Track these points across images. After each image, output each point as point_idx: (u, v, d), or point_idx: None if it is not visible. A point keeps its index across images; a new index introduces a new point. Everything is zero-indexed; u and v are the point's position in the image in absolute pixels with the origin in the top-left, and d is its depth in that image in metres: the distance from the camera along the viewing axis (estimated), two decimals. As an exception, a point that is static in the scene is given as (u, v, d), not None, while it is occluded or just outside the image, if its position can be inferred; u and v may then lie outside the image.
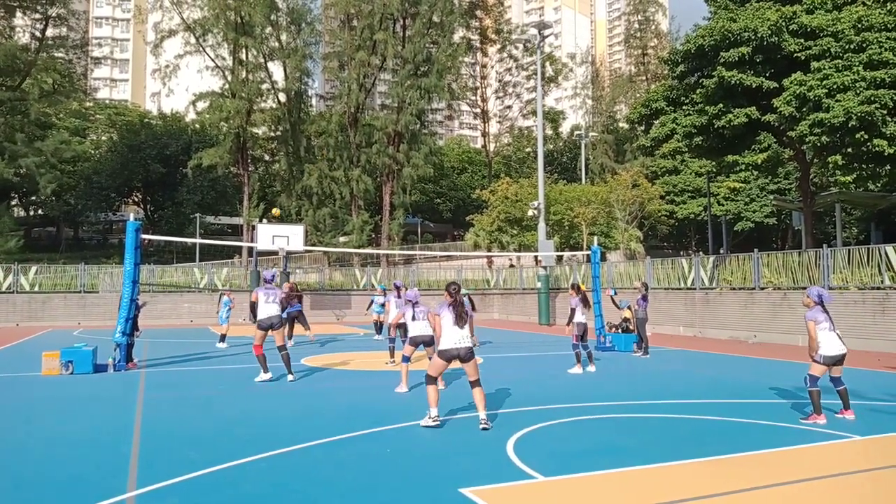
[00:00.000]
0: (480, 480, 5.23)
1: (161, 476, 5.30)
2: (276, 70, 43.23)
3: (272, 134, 47.62)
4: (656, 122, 22.29)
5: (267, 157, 52.45)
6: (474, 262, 39.11)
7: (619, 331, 16.19)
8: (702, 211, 42.34)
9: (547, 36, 29.50)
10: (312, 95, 52.14)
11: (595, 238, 19.53)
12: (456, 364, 7.39)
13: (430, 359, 9.60)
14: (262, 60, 41.62)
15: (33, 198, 59.08)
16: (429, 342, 9.58)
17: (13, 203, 57.48)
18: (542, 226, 27.42)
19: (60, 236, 62.96)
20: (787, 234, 44.85)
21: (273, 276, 11.20)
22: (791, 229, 41.98)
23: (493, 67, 61.23)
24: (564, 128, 67.30)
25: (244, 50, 40.71)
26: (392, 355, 12.95)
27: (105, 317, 26.25)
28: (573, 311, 12.09)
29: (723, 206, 41.59)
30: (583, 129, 55.19)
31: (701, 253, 34.76)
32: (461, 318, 7.17)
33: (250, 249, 34.08)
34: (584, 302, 12.26)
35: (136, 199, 62.83)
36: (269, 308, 10.62)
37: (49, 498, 4.82)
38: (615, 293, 16.68)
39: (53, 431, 7.16)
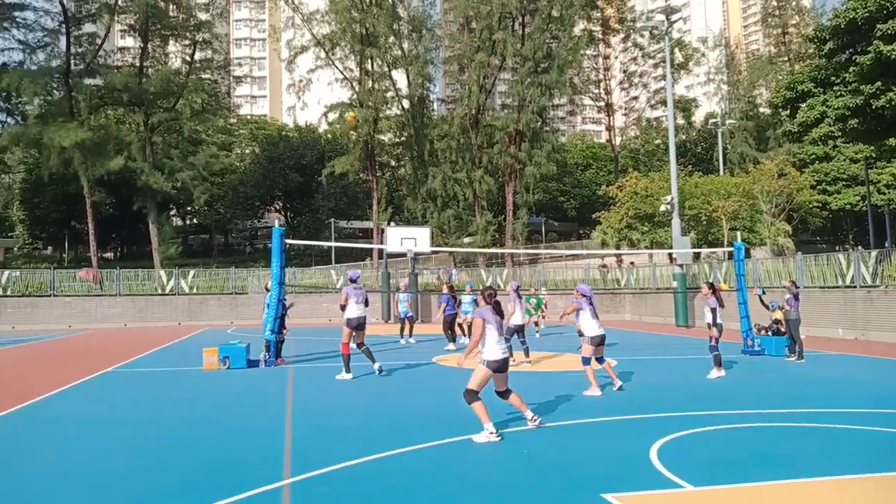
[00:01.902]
0: (623, 487, 5.04)
1: (313, 465, 5.62)
2: (400, 78, 44.64)
3: (397, 140, 49.21)
4: (803, 105, 20.49)
5: (393, 163, 54.29)
6: (603, 261, 37.97)
7: (769, 333, 15.01)
8: (859, 201, 38.33)
9: (675, 21, 28.02)
10: (434, 100, 53.31)
11: (738, 233, 18.23)
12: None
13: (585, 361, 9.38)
14: (386, 69, 43.17)
15: (188, 208, 65.16)
16: (600, 342, 9.46)
17: (172, 213, 63.73)
18: (676, 221, 26.09)
19: (212, 242, 68.97)
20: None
21: (358, 275, 11.71)
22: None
23: (616, 58, 59.16)
24: (697, 116, 63.71)
25: (370, 60, 42.42)
26: (527, 355, 12.90)
27: (254, 316, 28.32)
28: (715, 310, 11.33)
29: (884, 194, 37.43)
30: (718, 116, 51.89)
31: (860, 247, 31.46)
32: (502, 327, 6.77)
33: (380, 251, 35.42)
34: (720, 301, 11.47)
35: (277, 207, 67.43)
36: (357, 308, 11.05)
37: (213, 483, 5.25)
38: (763, 292, 15.45)
39: (216, 421, 7.82)
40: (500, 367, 6.59)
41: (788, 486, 5.06)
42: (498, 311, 6.75)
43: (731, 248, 17.14)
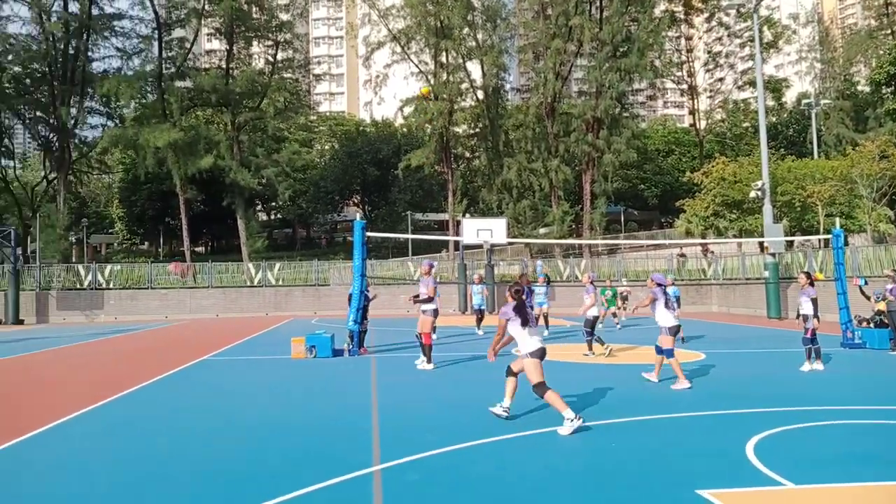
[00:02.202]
0: (719, 483, 4.87)
1: (401, 453, 5.74)
2: (474, 69, 44.57)
3: (472, 131, 49.23)
4: (911, 80, 18.92)
5: (468, 154, 54.36)
6: (686, 250, 36.62)
7: (871, 325, 14.06)
8: (974, 182, 35.09)
9: (765, -3, 26.59)
10: (509, 90, 52.91)
11: (836, 220, 17.11)
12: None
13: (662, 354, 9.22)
14: (460, 61, 43.24)
15: (273, 203, 67.77)
16: (677, 332, 9.50)
17: (258, 209, 66.47)
18: (767, 208, 24.79)
19: (295, 236, 71.45)
20: None
21: (433, 264, 12.44)
22: None
23: (700, 38, 56.73)
24: (788, 97, 60.16)
25: (444, 52, 42.60)
26: (590, 348, 12.72)
27: (335, 307, 29.18)
28: (816, 301, 10.71)
29: None
30: (812, 96, 48.77)
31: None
32: (528, 322, 6.74)
33: (456, 243, 35.61)
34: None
35: (356, 201, 69.04)
36: (439, 299, 11.60)
37: (308, 467, 5.46)
38: (865, 282, 14.46)
39: (307, 408, 8.14)
40: (541, 355, 6.71)
41: (902, 489, 4.74)
42: (522, 307, 6.79)
43: (828, 236, 16.14)
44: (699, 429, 6.75)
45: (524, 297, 6.94)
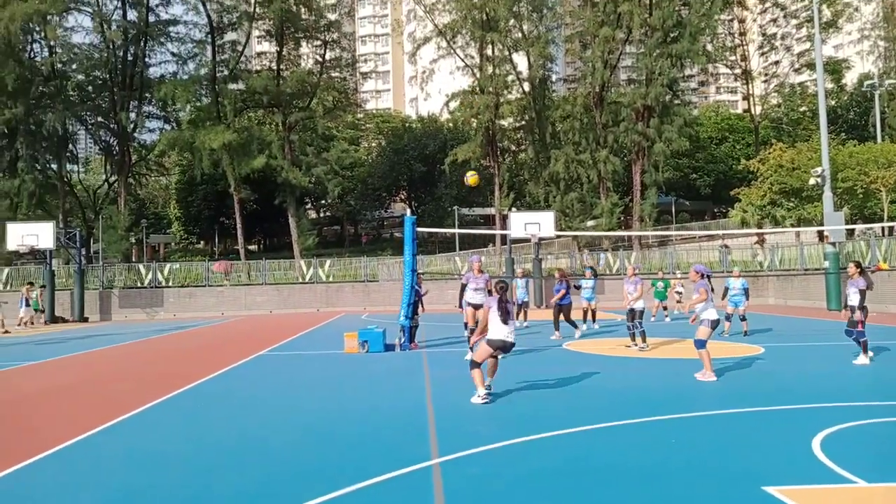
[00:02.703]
0: (786, 480, 4.75)
1: (458, 447, 5.79)
2: (520, 61, 44.23)
3: (518, 124, 48.90)
4: None
5: (514, 148, 54.06)
6: (741, 241, 35.59)
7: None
8: None
9: (824, -25, 25.51)
10: (555, 81, 52.28)
11: (902, 206, 16.37)
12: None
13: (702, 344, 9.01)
14: (507, 53, 42.97)
15: (322, 201, 68.90)
16: (717, 325, 9.24)
17: (308, 207, 67.71)
18: (827, 195, 23.84)
19: (344, 233, 72.53)
20: None
21: (479, 259, 12.50)
22: None
23: (754, 21, 54.71)
24: (849, 79, 57.63)
25: (490, 45, 42.41)
26: (633, 339, 12.54)
27: (385, 302, 29.52)
28: (864, 293, 10.25)
29: None
30: (875, 77, 46.56)
31: None
32: (507, 314, 7.67)
33: (503, 237, 35.49)
34: (870, 283, 10.33)
35: (402, 197, 69.55)
36: (476, 296, 11.69)
37: (369, 459, 5.57)
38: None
39: (364, 401, 8.29)
40: (497, 346, 7.75)
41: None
42: (502, 303, 7.72)
43: (893, 223, 15.43)
44: (762, 425, 6.57)
45: (505, 292, 7.80)
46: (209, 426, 7.08)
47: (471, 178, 14.25)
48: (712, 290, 9.26)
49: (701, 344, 9.06)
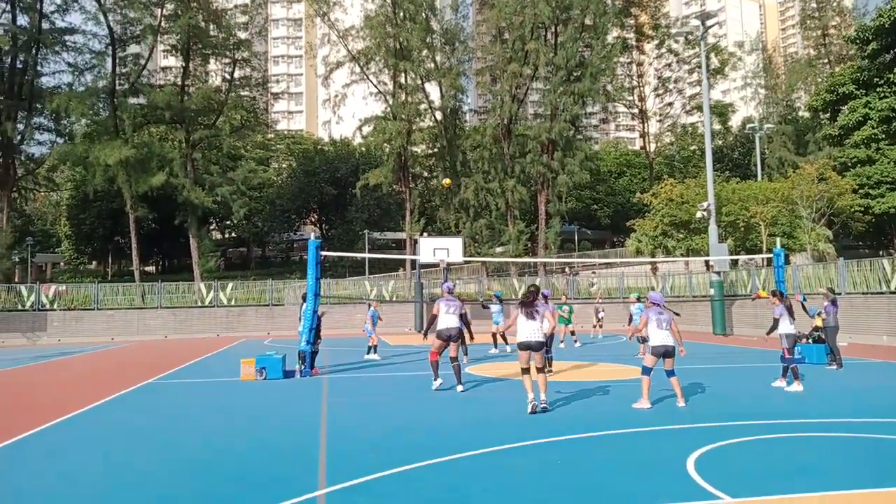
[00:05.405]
0: (660, 498, 5.00)
1: (347, 476, 5.69)
2: (433, 90, 44.97)
3: (430, 151, 49.53)
4: (844, 108, 20.03)
5: (426, 174, 54.66)
6: (636, 269, 37.48)
7: (810, 341, 14.63)
8: (905, 204, 36.98)
9: (711, 26, 27.72)
10: (466, 111, 53.50)
11: (777, 239, 17.82)
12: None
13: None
14: (419, 82, 43.60)
15: (227, 222, 66.57)
16: (669, 352, 9.11)
17: (211, 227, 65.21)
18: (713, 228, 25.65)
19: (250, 255, 70.29)
20: None
21: (452, 287, 11.21)
22: None
23: (650, 64, 58.55)
24: (734, 121, 62.57)
25: (403, 74, 42.91)
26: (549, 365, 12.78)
27: (290, 327, 28.72)
28: (777, 321, 11.04)
29: (932, 197, 36.02)
30: (756, 121, 50.84)
31: (906, 252, 30.39)
32: (531, 317, 8.69)
33: (413, 262, 35.61)
34: (790, 311, 11.12)
35: (313, 220, 68.38)
36: (449, 319, 10.49)
37: (251, 492, 5.37)
38: (804, 300, 15.07)
39: (252, 432, 7.97)
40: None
41: (828, 499, 4.94)
42: (527, 306, 8.81)
43: (770, 255, 16.78)
44: (641, 445, 6.88)
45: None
46: (78, 461, 6.58)
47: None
48: (660, 318, 9.16)
49: (646, 371, 9.16)
